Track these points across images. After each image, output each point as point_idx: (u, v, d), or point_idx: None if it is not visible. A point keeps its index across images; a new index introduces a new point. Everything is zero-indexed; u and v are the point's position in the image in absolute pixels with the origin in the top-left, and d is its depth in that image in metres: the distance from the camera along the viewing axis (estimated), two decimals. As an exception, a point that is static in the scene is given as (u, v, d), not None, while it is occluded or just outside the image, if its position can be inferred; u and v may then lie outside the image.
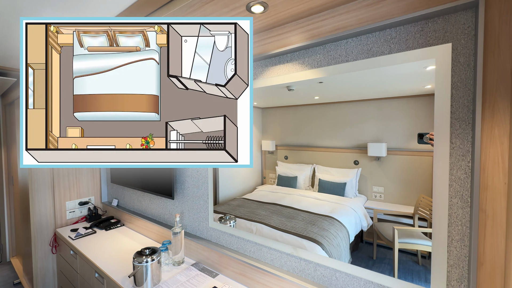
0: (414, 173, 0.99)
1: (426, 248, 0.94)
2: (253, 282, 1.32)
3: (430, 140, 0.87)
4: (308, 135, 1.38)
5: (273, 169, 1.57)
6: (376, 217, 1.11)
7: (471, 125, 0.75)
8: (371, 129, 1.12)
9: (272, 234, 1.29)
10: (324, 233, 1.19)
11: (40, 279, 2.22)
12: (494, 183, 0.71)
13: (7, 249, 3.12)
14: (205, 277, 1.44)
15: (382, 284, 0.94)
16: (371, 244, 1.12)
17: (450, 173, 0.79)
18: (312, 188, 1.40)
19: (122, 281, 1.39)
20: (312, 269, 1.13)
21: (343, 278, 1.04)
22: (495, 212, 0.71)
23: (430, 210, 0.89)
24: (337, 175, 1.30)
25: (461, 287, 0.79)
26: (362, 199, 1.18)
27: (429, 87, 0.88)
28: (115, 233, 2.12)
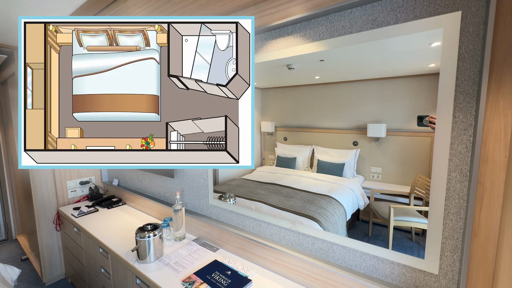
0: (413, 153, 1.00)
1: (420, 225, 0.96)
2: (252, 256, 1.37)
3: (430, 123, 0.86)
4: (308, 116, 1.37)
5: (272, 151, 1.57)
6: (373, 197, 1.13)
7: (476, 98, 0.73)
8: (371, 109, 1.11)
9: (271, 212, 1.32)
10: (321, 211, 1.22)
11: (47, 255, 2.30)
12: (494, 156, 0.71)
13: (13, 227, 3.20)
14: (206, 251, 1.49)
15: (377, 255, 0.97)
16: (367, 222, 1.15)
17: (450, 148, 0.79)
18: (311, 169, 1.41)
19: (126, 255, 1.44)
20: (310, 243, 1.17)
21: (340, 251, 1.08)
22: (493, 185, 0.72)
23: (427, 189, 0.90)
24: (336, 156, 1.30)
25: (454, 257, 0.82)
26: (360, 179, 1.19)
27: (432, 66, 0.86)
28: (117, 211, 2.17)
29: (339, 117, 1.24)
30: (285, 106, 1.46)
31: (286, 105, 1.45)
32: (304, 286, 1.18)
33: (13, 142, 2.73)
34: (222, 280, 1.20)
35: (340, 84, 1.22)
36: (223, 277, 1.22)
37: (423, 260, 0.88)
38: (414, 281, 0.91)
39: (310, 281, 1.16)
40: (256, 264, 1.35)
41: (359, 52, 1.01)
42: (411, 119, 0.96)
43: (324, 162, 1.36)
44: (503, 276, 0.69)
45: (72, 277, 2.26)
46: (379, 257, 0.97)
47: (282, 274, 1.25)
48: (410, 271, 0.91)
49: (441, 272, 0.85)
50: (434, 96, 0.81)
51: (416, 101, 0.96)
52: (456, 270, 0.82)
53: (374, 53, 0.99)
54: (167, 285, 1.19)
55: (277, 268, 1.27)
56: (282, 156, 1.53)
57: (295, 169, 1.47)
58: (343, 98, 1.21)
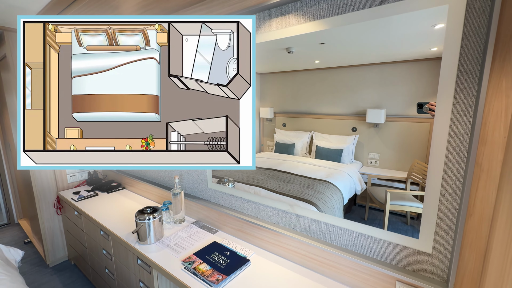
0: (411, 139, 1.00)
1: (415, 209, 0.98)
2: (251, 237, 1.40)
3: (430, 110, 0.85)
4: (307, 102, 1.35)
5: (271, 137, 1.57)
6: (370, 182, 1.14)
7: (478, 78, 0.72)
8: (371, 95, 1.09)
9: (269, 196, 1.34)
10: (319, 196, 1.23)
11: (49, 238, 2.34)
12: (494, 137, 0.70)
13: (14, 212, 3.23)
14: (205, 233, 1.52)
15: (373, 236, 1.00)
16: (363, 207, 1.17)
17: (450, 129, 0.78)
18: (309, 155, 1.42)
19: (127, 237, 1.47)
20: (307, 224, 1.19)
21: (336, 232, 1.10)
22: (490, 166, 0.72)
23: (423, 174, 0.91)
24: (335, 142, 1.30)
25: (447, 237, 0.84)
26: (358, 165, 1.20)
27: (434, 50, 0.84)
28: (117, 195, 2.18)
29: (338, 103, 1.23)
30: (284, 92, 1.44)
31: (285, 91, 1.43)
32: (301, 265, 1.21)
33: (9, 127, 2.70)
34: (221, 260, 1.23)
35: (340, 69, 1.20)
36: (222, 257, 1.25)
37: (417, 240, 0.90)
38: (408, 259, 0.93)
39: (306, 261, 1.19)
40: (254, 245, 1.38)
41: (360, 35, 0.98)
42: (411, 105, 0.95)
43: (322, 148, 1.36)
44: (495, 254, 0.70)
45: (75, 259, 2.32)
46: (375, 237, 0.99)
47: (280, 254, 1.29)
48: (404, 250, 0.93)
49: (434, 251, 0.87)
50: (435, 82, 0.79)
51: (416, 86, 0.95)
52: (449, 249, 0.84)
53: (376, 36, 0.96)
54: (167, 264, 1.22)
55: (274, 249, 1.30)
56: (280, 142, 1.53)
57: (293, 155, 1.48)
58: (343, 83, 1.20)
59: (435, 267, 0.88)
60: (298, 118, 1.42)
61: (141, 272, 1.38)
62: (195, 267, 1.18)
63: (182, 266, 1.21)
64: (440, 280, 0.88)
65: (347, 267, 1.07)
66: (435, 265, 0.88)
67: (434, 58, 0.82)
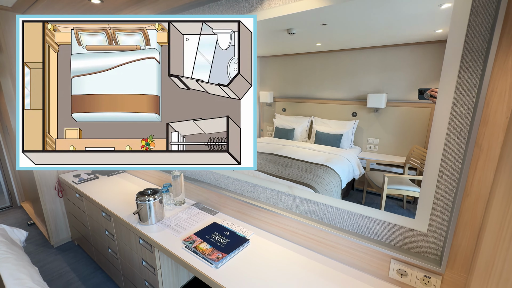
0: (411, 124, 0.99)
1: (412, 193, 0.99)
2: (250, 218, 1.43)
3: (431, 97, 0.83)
4: (308, 86, 1.33)
5: (270, 122, 1.56)
6: (369, 167, 1.15)
7: (484, 56, 0.70)
8: (372, 79, 1.08)
9: (268, 179, 1.35)
10: (318, 179, 1.24)
11: (52, 220, 2.39)
12: (496, 117, 0.70)
13: (16, 195, 3.27)
14: (205, 214, 1.54)
15: (370, 216, 1.01)
16: (361, 191, 1.19)
17: (452, 110, 0.77)
18: (309, 140, 1.42)
19: (128, 218, 1.49)
20: (305, 205, 1.21)
21: (334, 212, 1.12)
22: (490, 147, 0.72)
23: (421, 159, 0.91)
24: (334, 127, 1.30)
25: (443, 216, 0.85)
26: (357, 150, 1.20)
27: (439, 32, 0.81)
28: (117, 178, 2.20)
29: (339, 87, 1.21)
30: (285, 76, 1.41)
31: (285, 75, 1.41)
32: (299, 245, 1.25)
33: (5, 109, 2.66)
34: (221, 240, 1.26)
35: (342, 52, 1.17)
36: (222, 237, 1.28)
37: (413, 220, 0.92)
38: (403, 239, 0.96)
39: (304, 241, 1.22)
40: (253, 226, 1.41)
41: (364, 15, 0.94)
42: (412, 89, 0.94)
43: (322, 133, 1.35)
44: (489, 232, 0.72)
45: (78, 240, 2.38)
46: (372, 218, 1.01)
47: (278, 234, 1.32)
48: (400, 230, 0.95)
49: (430, 230, 0.89)
50: (438, 65, 0.78)
51: (419, 70, 0.93)
52: (444, 228, 0.86)
53: (380, 16, 0.93)
54: (168, 244, 1.25)
55: (273, 229, 1.33)
56: (280, 127, 1.53)
57: (293, 140, 1.47)
58: (345, 67, 1.17)
59: (430, 246, 0.90)
60: (298, 103, 1.41)
61: (143, 251, 1.42)
62: (195, 246, 1.21)
63: (183, 245, 1.24)
64: (434, 258, 0.90)
65: (344, 246, 1.09)
66: (429, 243, 0.90)
67: (438, 41, 0.80)
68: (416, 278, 0.94)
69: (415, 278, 0.94)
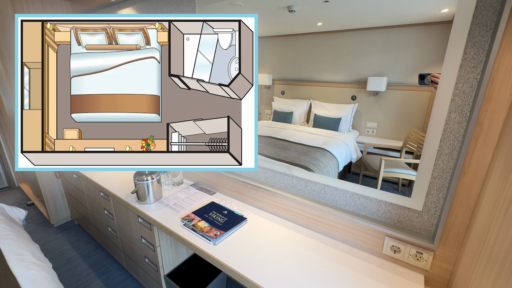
0: (410, 108, 0.98)
1: (408, 177, 0.99)
2: (248, 198, 1.44)
3: (432, 82, 0.81)
4: (308, 69, 1.30)
5: (269, 105, 1.53)
6: (366, 150, 1.15)
7: (492, 30, 0.67)
8: (374, 61, 1.05)
9: (266, 161, 1.35)
10: (315, 162, 1.24)
11: (51, 200, 2.40)
12: (499, 95, 0.68)
13: (13, 176, 3.27)
14: (203, 194, 1.56)
15: (366, 195, 1.03)
16: (357, 175, 1.19)
17: (455, 87, 0.76)
18: (307, 124, 1.41)
19: (126, 197, 1.50)
20: (303, 185, 1.22)
21: (331, 192, 1.13)
22: (491, 125, 0.71)
23: (419, 143, 0.91)
24: (333, 110, 1.28)
25: (439, 195, 0.86)
26: (355, 134, 1.20)
27: (445, 11, 0.78)
28: (114, 159, 2.19)
29: (340, 70, 1.18)
30: (284, 57, 1.37)
31: (285, 56, 1.36)
32: (296, 223, 1.27)
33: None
34: (219, 218, 1.28)
35: (344, 33, 1.13)
36: (220, 216, 1.30)
37: (409, 198, 0.93)
38: (398, 217, 0.98)
39: (301, 219, 1.24)
40: (251, 205, 1.43)
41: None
42: (414, 72, 0.92)
43: (320, 117, 1.34)
44: (483, 210, 0.73)
45: (78, 219, 2.41)
46: (368, 197, 1.03)
47: (275, 213, 1.34)
48: (396, 208, 0.97)
49: (425, 209, 0.90)
50: (442, 48, 0.75)
51: (422, 52, 0.90)
52: (439, 206, 0.87)
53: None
54: (167, 222, 1.27)
55: (271, 209, 1.35)
56: (278, 111, 1.50)
57: (291, 123, 1.46)
58: (346, 48, 1.13)
59: (424, 223, 0.92)
60: (298, 85, 1.38)
61: (143, 229, 1.44)
62: (194, 224, 1.23)
63: (181, 223, 1.26)
64: (427, 235, 0.93)
65: (340, 224, 1.12)
66: (424, 221, 0.92)
67: (442, 21, 0.77)
68: (408, 254, 0.96)
69: (407, 254, 0.97)
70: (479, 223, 0.74)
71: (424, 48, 0.90)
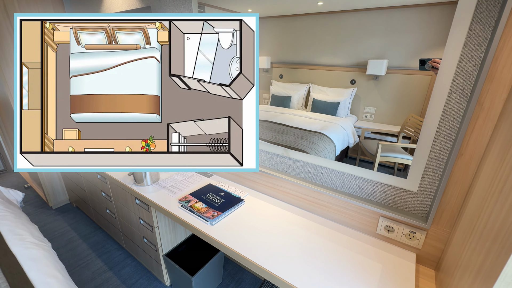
0: (409, 92, 0.97)
1: (404, 161, 1.00)
2: (244, 180, 1.45)
3: (433, 68, 0.79)
4: (307, 51, 1.25)
5: (267, 89, 1.50)
6: (363, 135, 1.14)
7: (501, 5, 0.64)
8: (375, 44, 1.01)
9: (264, 144, 1.34)
10: (312, 146, 1.24)
11: (48, 183, 2.40)
12: (502, 74, 0.67)
13: (9, 159, 3.24)
14: (200, 177, 1.56)
15: (363, 176, 1.03)
16: (354, 159, 1.19)
17: (457, 66, 0.74)
18: (305, 108, 1.39)
19: (123, 180, 1.50)
20: (300, 167, 1.22)
21: (328, 174, 1.14)
22: (492, 105, 0.70)
23: (416, 128, 0.90)
24: (332, 95, 1.26)
25: (435, 176, 0.87)
26: (353, 118, 1.19)
27: None
28: (110, 142, 2.17)
29: (340, 53, 1.14)
30: (283, 40, 1.32)
31: (284, 38, 1.31)
32: (292, 205, 1.29)
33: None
34: (216, 200, 1.29)
35: (345, 14, 1.08)
36: (217, 197, 1.31)
37: (405, 180, 0.93)
38: (393, 198, 0.99)
39: (298, 201, 1.26)
40: (248, 188, 1.44)
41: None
42: (415, 56, 0.89)
43: (319, 101, 1.32)
44: (477, 190, 0.74)
45: (76, 202, 2.43)
46: (364, 178, 1.03)
47: (272, 195, 1.35)
48: (391, 189, 0.98)
49: (420, 190, 0.91)
50: (445, 30, 0.73)
51: (424, 34, 0.87)
52: (434, 187, 0.88)
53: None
54: (165, 203, 1.28)
55: (267, 190, 1.36)
56: (277, 95, 1.48)
57: (289, 108, 1.44)
58: (347, 30, 1.09)
59: (418, 204, 0.93)
60: (296, 69, 1.34)
61: (141, 210, 1.45)
62: (191, 205, 1.24)
63: (179, 204, 1.26)
64: (421, 215, 0.94)
65: (336, 205, 1.13)
66: (418, 202, 0.93)
67: (447, 2, 0.75)
68: (402, 233, 0.99)
69: (401, 234, 0.99)
70: (473, 202, 0.75)
71: (426, 30, 0.87)
